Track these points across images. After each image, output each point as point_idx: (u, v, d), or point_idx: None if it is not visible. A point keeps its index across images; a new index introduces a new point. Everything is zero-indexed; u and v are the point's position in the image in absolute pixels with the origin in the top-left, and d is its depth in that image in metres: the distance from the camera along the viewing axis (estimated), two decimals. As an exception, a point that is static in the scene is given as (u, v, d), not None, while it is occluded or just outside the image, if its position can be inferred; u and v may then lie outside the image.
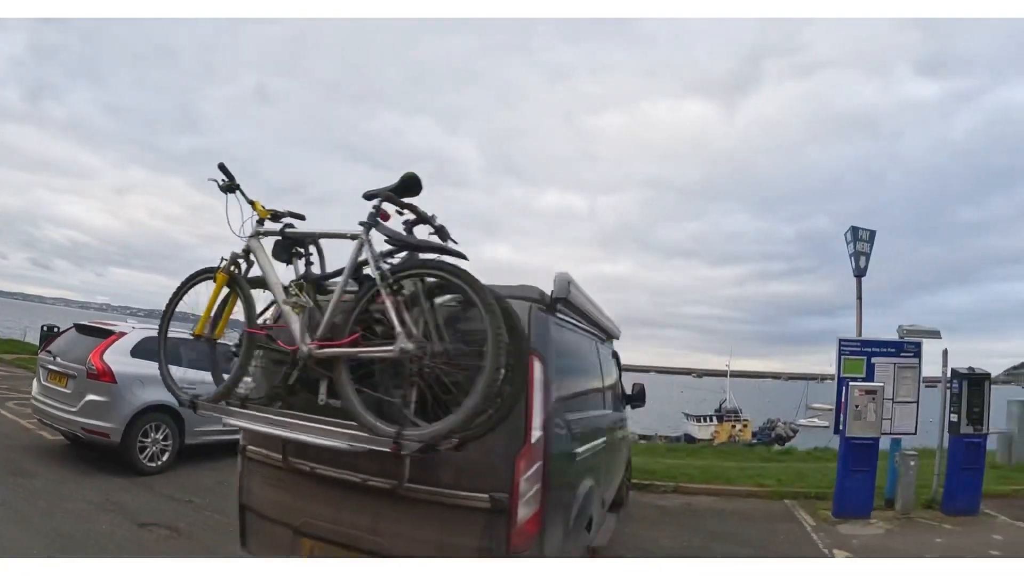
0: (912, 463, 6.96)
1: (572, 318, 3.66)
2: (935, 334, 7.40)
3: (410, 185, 2.52)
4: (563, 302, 3.14)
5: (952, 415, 7.08)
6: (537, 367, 2.70)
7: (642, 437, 28.51)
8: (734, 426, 33.11)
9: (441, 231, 2.59)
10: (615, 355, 5.78)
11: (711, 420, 34.39)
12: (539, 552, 2.66)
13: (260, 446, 3.13)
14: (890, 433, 7.19)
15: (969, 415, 6.94)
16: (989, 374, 7.20)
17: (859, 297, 8.29)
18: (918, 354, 7.32)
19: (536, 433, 2.66)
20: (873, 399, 6.73)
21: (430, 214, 2.60)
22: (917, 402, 7.31)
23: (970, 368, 7.15)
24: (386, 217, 2.57)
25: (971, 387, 6.99)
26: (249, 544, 3.26)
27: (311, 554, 2.86)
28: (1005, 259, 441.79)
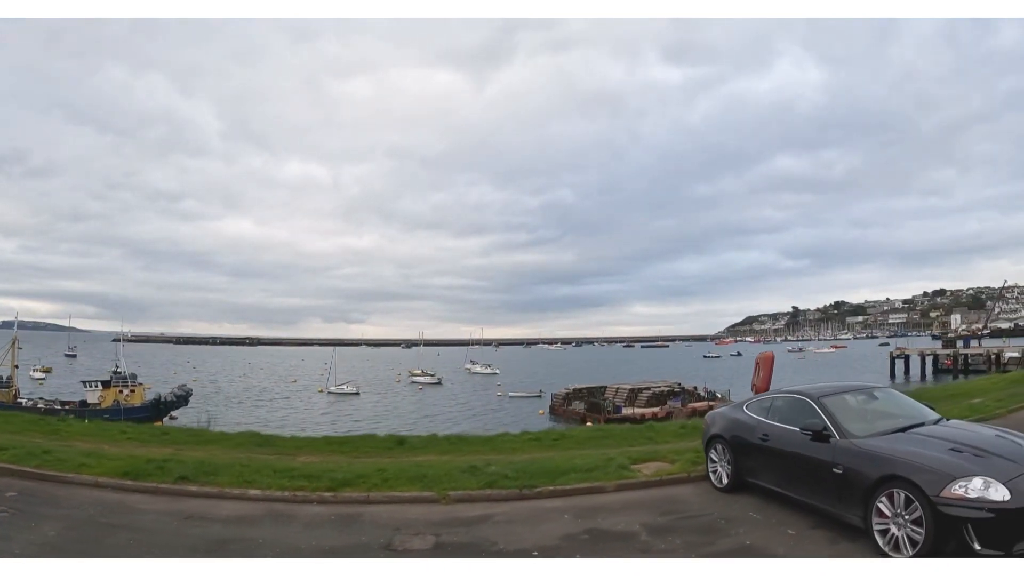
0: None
1: None
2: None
3: None
4: None
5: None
6: None
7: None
8: (121, 391, 34.39)
9: None
10: None
11: (98, 386, 35.31)
12: None
13: None
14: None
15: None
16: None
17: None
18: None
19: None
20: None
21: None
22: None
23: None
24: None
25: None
26: None
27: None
28: (733, 231, 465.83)
